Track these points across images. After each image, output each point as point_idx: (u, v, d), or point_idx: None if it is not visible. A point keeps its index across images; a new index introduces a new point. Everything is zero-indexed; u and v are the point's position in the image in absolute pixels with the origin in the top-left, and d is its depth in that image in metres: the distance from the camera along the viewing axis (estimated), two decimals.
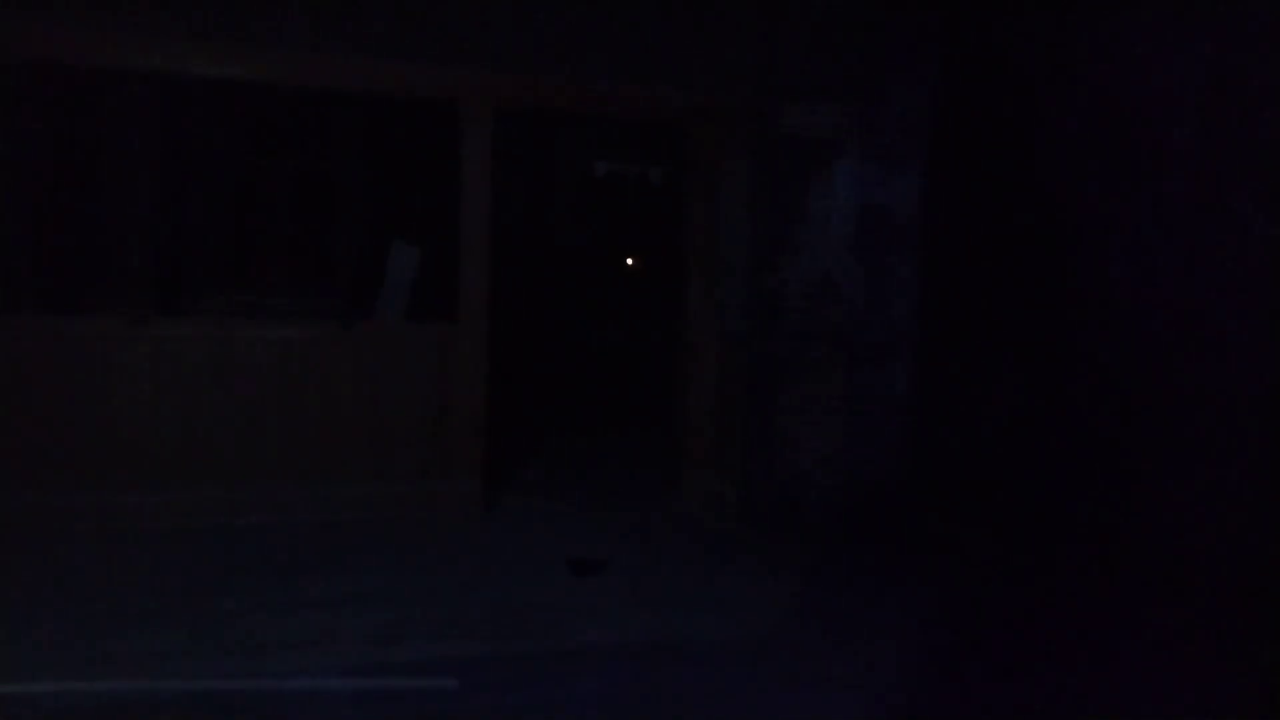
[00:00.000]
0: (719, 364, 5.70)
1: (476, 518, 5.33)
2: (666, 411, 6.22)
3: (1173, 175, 4.50)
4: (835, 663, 3.57)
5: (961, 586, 4.60)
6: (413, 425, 5.30)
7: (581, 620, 3.91)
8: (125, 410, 4.83)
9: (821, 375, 5.48)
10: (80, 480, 4.75)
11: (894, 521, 5.55)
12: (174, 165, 7.57)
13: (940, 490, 5.76)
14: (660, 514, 5.66)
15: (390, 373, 5.26)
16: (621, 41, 5.31)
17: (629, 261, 9.84)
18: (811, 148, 5.41)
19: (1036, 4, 5.35)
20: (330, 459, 5.16)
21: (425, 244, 5.83)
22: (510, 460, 6.68)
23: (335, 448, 5.17)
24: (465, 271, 5.32)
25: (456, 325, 5.33)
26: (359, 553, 4.61)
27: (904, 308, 5.63)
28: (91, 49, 4.69)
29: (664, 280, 8.68)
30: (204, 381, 4.95)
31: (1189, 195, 4.45)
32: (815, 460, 5.50)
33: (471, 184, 5.27)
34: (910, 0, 5.45)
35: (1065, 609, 4.30)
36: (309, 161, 8.23)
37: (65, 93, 6.67)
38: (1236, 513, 4.18)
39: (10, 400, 4.64)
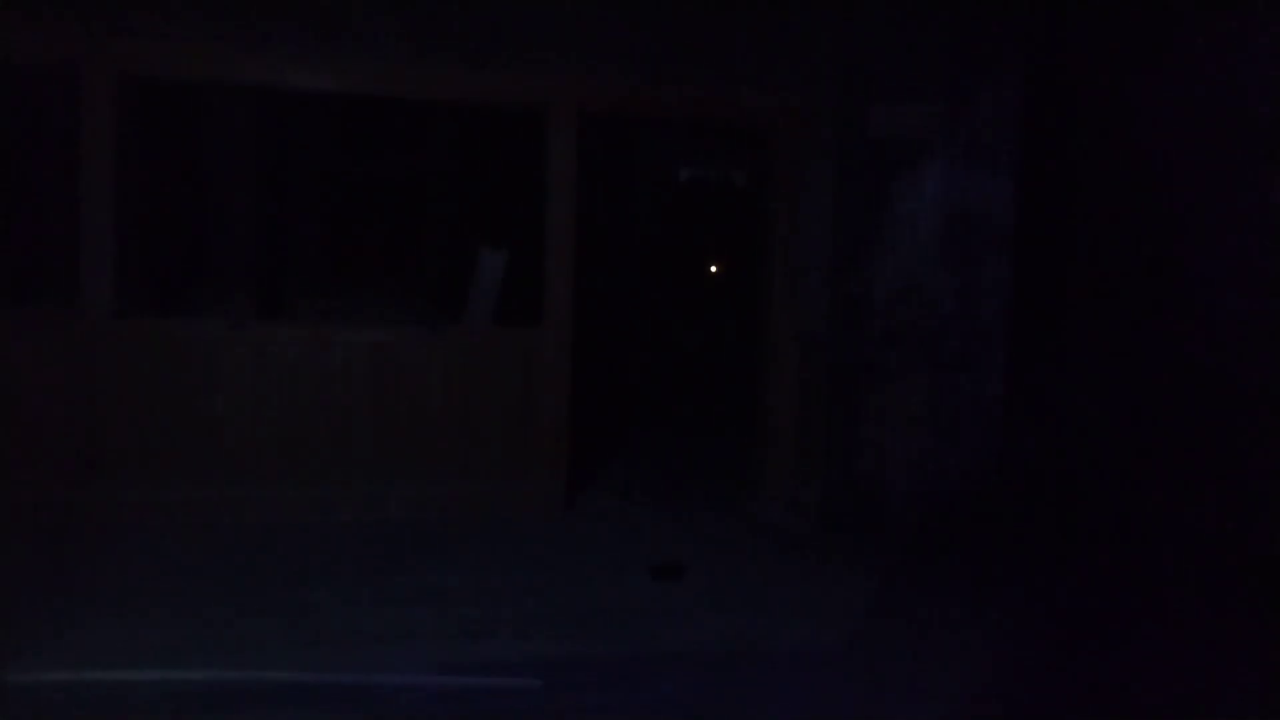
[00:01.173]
0: (801, 367, 5.66)
1: (559, 518, 5.40)
2: (748, 414, 6.20)
3: (1277, 173, 4.30)
4: (918, 670, 3.51)
5: (1050, 596, 4.47)
6: (498, 426, 5.40)
7: (662, 623, 3.93)
8: (226, 409, 5.04)
9: (905, 379, 5.39)
10: (184, 476, 4.98)
11: (977, 528, 5.42)
12: (272, 176, 7.88)
13: (1030, 498, 5.60)
14: (740, 517, 5.64)
15: (477, 375, 5.37)
16: (705, 46, 5.33)
17: (711, 265, 9.83)
18: (897, 149, 5.33)
19: None
20: (419, 458, 5.29)
21: (512, 250, 5.94)
22: (593, 462, 6.75)
23: (424, 448, 5.30)
24: (550, 276, 5.40)
25: (541, 329, 5.41)
26: (445, 550, 4.72)
27: (993, 311, 5.50)
28: (196, 65, 4.92)
29: (746, 283, 8.66)
30: (300, 382, 5.13)
31: None
32: (898, 465, 5.41)
33: (556, 190, 5.35)
34: None
35: (1161, 621, 4.15)
36: (400, 170, 8.46)
37: (172, 108, 7.00)
38: None
39: (121, 399, 4.89)
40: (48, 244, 5.96)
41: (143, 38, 4.80)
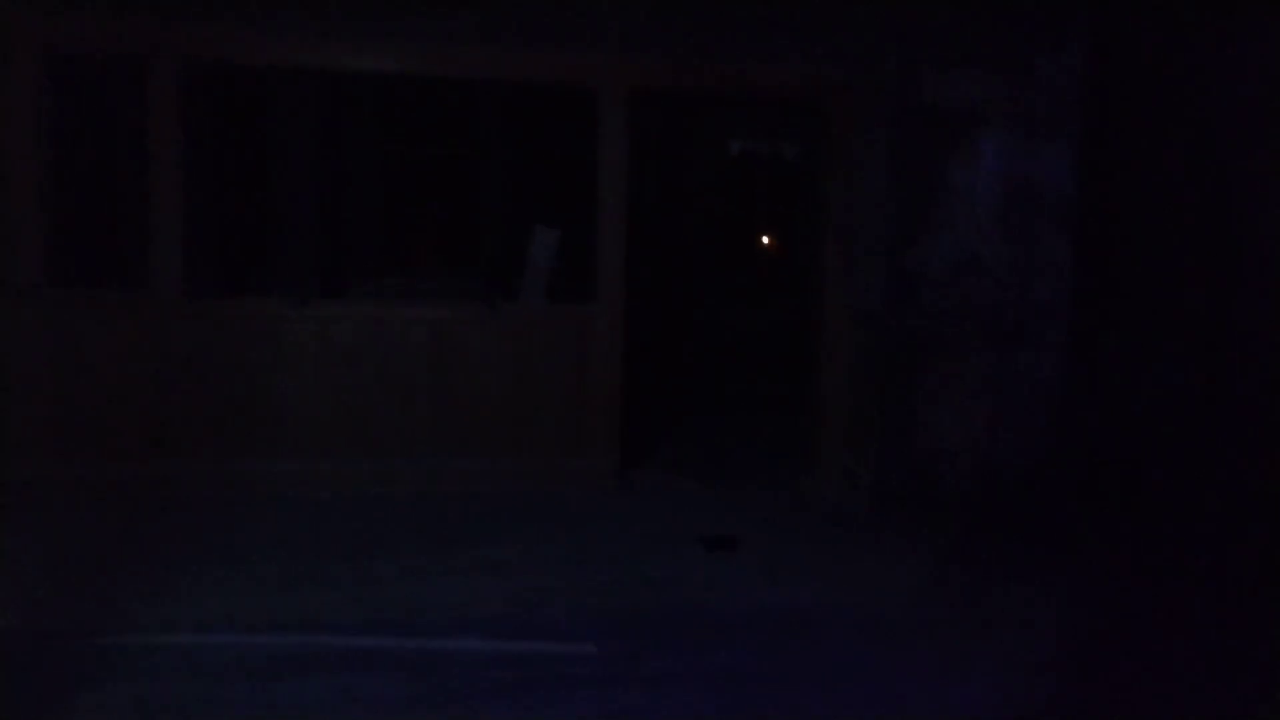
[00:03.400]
0: (855, 343, 5.62)
1: (612, 492, 5.46)
2: (802, 391, 6.19)
3: None
4: (966, 646, 3.50)
5: (1104, 576, 4.41)
6: (553, 402, 5.47)
7: (714, 594, 3.98)
8: (290, 385, 5.18)
9: (962, 355, 5.34)
10: (250, 451, 5.14)
11: (1034, 507, 5.36)
12: (333, 157, 8.03)
13: (1087, 478, 5.51)
14: (793, 493, 5.65)
15: (532, 351, 5.44)
16: (755, 18, 5.29)
17: (765, 240, 9.78)
18: (954, 119, 5.25)
19: None
20: (475, 433, 5.39)
21: (565, 227, 5.99)
22: (646, 437, 6.80)
23: (480, 423, 5.40)
24: (603, 253, 5.44)
25: (595, 305, 5.46)
26: (502, 523, 4.81)
27: (1053, 286, 5.41)
28: (259, 50, 5.04)
29: (801, 258, 8.60)
30: (360, 359, 5.25)
31: None
32: (954, 442, 5.37)
33: (608, 168, 5.38)
34: None
35: (1217, 606, 4.07)
36: (456, 150, 8.57)
37: (236, 93, 7.17)
38: None
39: (189, 377, 5.06)
40: (119, 228, 6.17)
41: (207, 25, 4.93)
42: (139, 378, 5.01)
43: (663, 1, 5.21)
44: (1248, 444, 4.64)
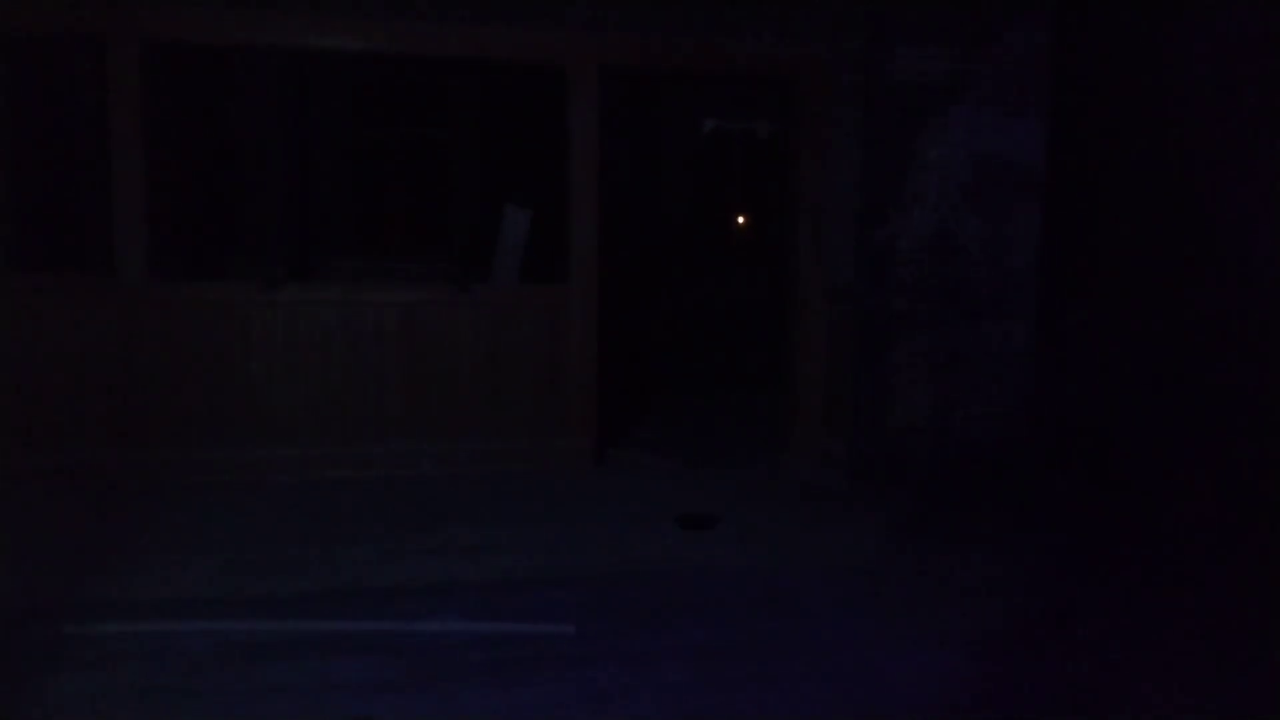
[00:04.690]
0: (828, 319, 5.64)
1: (589, 473, 5.46)
2: (777, 368, 6.21)
3: None
4: (936, 618, 3.54)
5: (1072, 545, 4.47)
6: (528, 383, 5.45)
7: (692, 572, 4.00)
8: (260, 370, 5.13)
9: (935, 329, 5.37)
10: (220, 437, 5.09)
11: (1007, 478, 5.42)
12: (300, 138, 7.91)
13: (1056, 448, 5.59)
14: (769, 470, 5.68)
15: (506, 333, 5.41)
16: None
17: (738, 218, 9.78)
18: (924, 94, 5.26)
19: None
20: (450, 415, 5.37)
21: (537, 208, 5.95)
22: (622, 417, 6.80)
23: (455, 405, 5.37)
24: (575, 233, 5.41)
25: (568, 286, 5.44)
26: (478, 504, 4.80)
27: (1023, 259, 5.45)
28: (221, 28, 4.94)
29: (773, 236, 8.61)
30: (332, 343, 5.20)
31: None
32: (927, 416, 5.41)
33: (580, 147, 5.34)
34: None
35: (1186, 575, 4.15)
36: (426, 130, 8.47)
37: (199, 73, 7.04)
38: None
39: (156, 362, 4.99)
40: (83, 212, 6.06)
41: (166, 3, 4.83)
42: (105, 363, 4.93)
43: None
44: (1213, 413, 4.72)
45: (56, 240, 5.88)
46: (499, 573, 3.90)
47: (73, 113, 5.96)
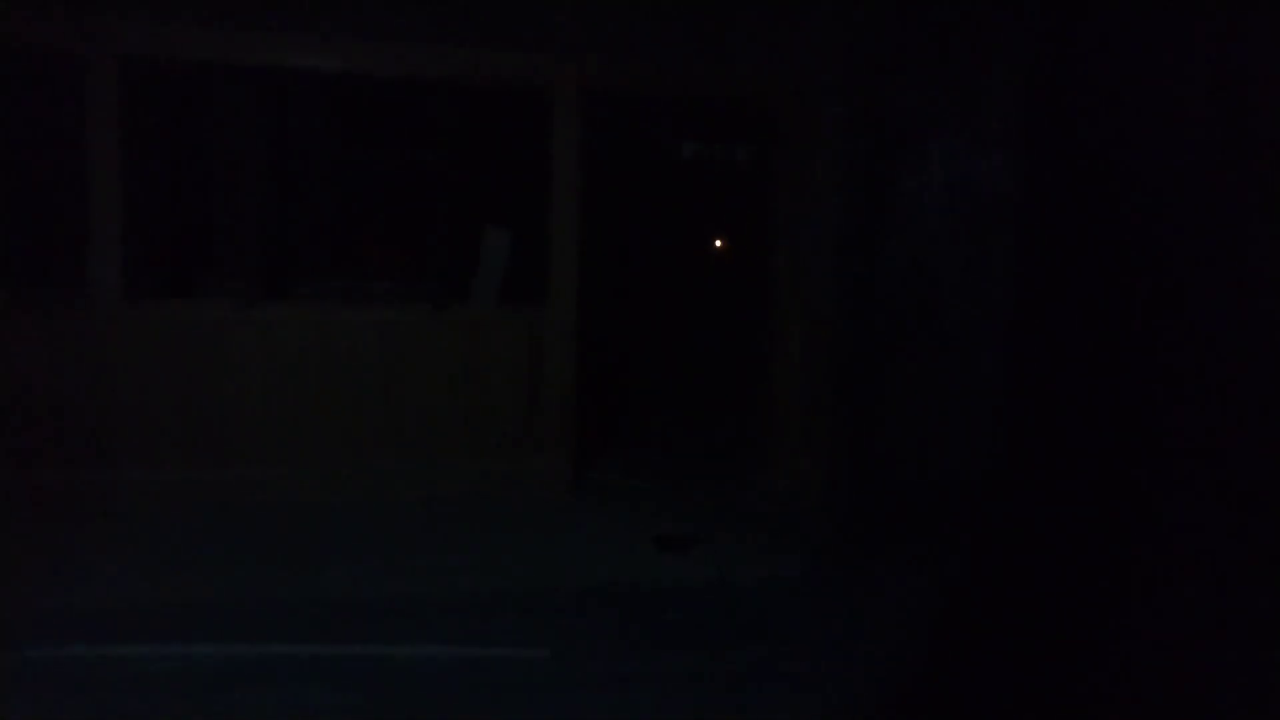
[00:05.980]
0: (806, 345, 5.68)
1: (566, 495, 5.45)
2: (755, 393, 6.23)
3: None
4: (908, 644, 3.56)
5: (1026, 576, 4.48)
6: (505, 405, 5.44)
7: (666, 596, 3.99)
8: (235, 391, 5.08)
9: (911, 357, 5.41)
10: (194, 457, 5.03)
11: (982, 507, 5.45)
12: (277, 157, 7.89)
13: (1027, 478, 5.62)
14: (746, 494, 5.69)
15: (484, 354, 5.40)
16: (708, 23, 5.32)
17: (717, 243, 9.83)
18: (902, 124, 5.32)
19: None
20: (426, 437, 5.34)
21: (517, 229, 5.95)
22: (600, 440, 6.79)
23: (431, 426, 5.34)
24: (555, 255, 5.42)
25: (547, 308, 5.44)
26: (454, 528, 4.77)
27: (999, 288, 5.51)
28: (199, 46, 4.93)
29: (753, 261, 8.67)
30: (307, 362, 5.17)
31: None
32: (903, 442, 5.44)
33: (560, 169, 5.37)
34: None
35: (1153, 619, 4.17)
36: (406, 150, 8.47)
37: (176, 91, 7.01)
38: None
39: (131, 381, 4.94)
40: (56, 228, 6.00)
41: (144, 20, 4.81)
42: (78, 383, 4.87)
43: (616, 3, 5.21)
44: (1185, 444, 4.77)
45: (30, 257, 5.82)
46: (473, 595, 3.87)
47: (48, 129, 5.91)
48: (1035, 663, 3.49)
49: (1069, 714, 3.07)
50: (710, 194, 9.60)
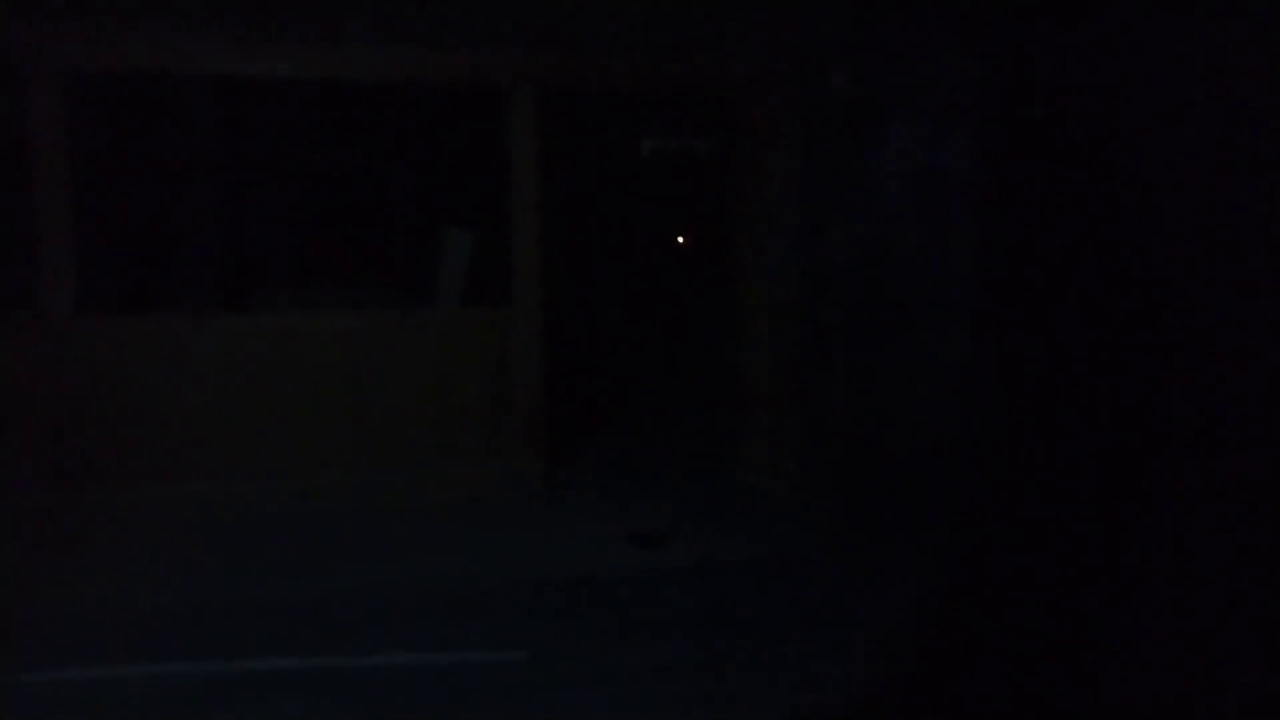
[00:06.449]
0: (772, 334, 5.68)
1: (540, 495, 5.41)
2: (724, 384, 6.23)
3: (1260, 141, 4.34)
4: (882, 628, 3.57)
5: (988, 555, 4.52)
6: (474, 408, 5.39)
7: (643, 592, 3.97)
8: (197, 404, 4.98)
9: (875, 341, 5.43)
10: (158, 474, 4.93)
11: (947, 489, 5.48)
12: (232, 165, 7.76)
13: (992, 460, 5.66)
14: (720, 486, 5.68)
15: (450, 357, 5.35)
16: (662, 16, 5.30)
17: (680, 237, 9.83)
18: (861, 110, 5.34)
19: None
20: (395, 444, 5.27)
21: (479, 230, 5.90)
22: (571, 438, 6.76)
23: (400, 433, 5.28)
24: (519, 254, 5.38)
25: (512, 308, 5.40)
26: (426, 534, 4.72)
27: (961, 271, 5.54)
28: (147, 55, 4.83)
29: (717, 253, 8.67)
30: (270, 374, 5.09)
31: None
32: (871, 426, 5.46)
33: (519, 168, 5.33)
34: None
35: (1115, 608, 4.21)
36: (362, 155, 8.37)
37: (126, 101, 6.87)
38: None
39: (88, 398, 4.82)
40: (6, 244, 5.85)
41: (90, 30, 4.70)
42: (33, 402, 4.75)
43: (570, 1, 5.18)
44: (1150, 421, 4.83)
45: None
46: (447, 601, 3.83)
47: None
48: (1006, 639, 3.51)
49: (1039, 692, 3.10)
50: (674, 188, 9.60)
